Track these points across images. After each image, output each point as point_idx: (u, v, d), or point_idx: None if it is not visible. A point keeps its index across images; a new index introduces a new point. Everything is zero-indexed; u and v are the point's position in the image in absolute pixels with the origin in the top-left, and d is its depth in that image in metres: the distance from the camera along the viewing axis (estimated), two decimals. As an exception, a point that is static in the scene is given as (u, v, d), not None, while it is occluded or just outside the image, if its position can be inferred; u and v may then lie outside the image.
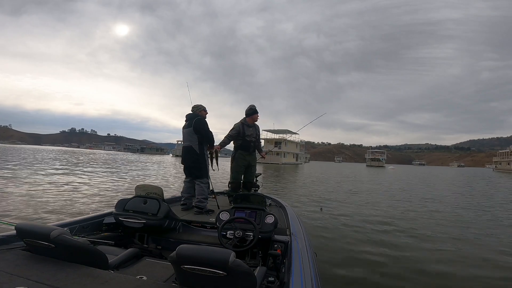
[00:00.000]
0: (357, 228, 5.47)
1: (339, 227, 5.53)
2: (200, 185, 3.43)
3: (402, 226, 5.78)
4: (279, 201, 3.73)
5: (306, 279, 1.50)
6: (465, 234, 5.35)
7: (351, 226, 5.61)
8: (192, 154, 3.48)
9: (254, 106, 4.15)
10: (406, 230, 5.43)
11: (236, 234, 2.13)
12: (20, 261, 1.39)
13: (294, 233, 2.31)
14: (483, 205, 9.26)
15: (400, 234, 5.19)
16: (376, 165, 74.41)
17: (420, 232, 5.35)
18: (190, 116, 3.57)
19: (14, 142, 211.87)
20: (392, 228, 5.56)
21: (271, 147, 39.42)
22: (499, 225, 6.26)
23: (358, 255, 3.95)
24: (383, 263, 3.70)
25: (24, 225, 1.49)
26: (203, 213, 3.25)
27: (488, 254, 4.19)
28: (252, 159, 4.16)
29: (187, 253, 1.18)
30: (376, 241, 4.66)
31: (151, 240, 2.46)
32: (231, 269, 1.14)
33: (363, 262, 3.71)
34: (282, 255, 2.00)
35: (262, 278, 1.71)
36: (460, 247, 4.46)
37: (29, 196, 6.72)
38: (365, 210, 7.50)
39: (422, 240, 4.85)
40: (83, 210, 5.72)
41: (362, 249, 4.21)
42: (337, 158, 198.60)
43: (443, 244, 4.62)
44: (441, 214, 7.45)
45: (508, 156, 57.14)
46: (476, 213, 7.71)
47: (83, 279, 1.26)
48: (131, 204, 2.42)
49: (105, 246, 1.99)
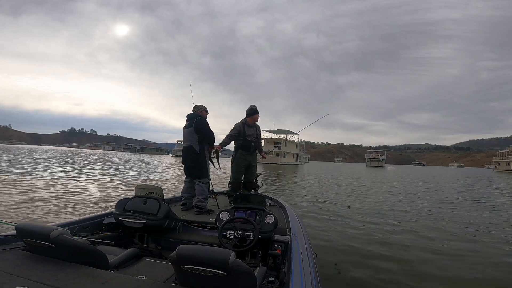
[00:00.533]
0: (358, 228, 5.46)
1: (339, 227, 5.52)
2: (200, 185, 3.43)
3: (404, 227, 5.75)
4: (279, 201, 3.73)
5: (306, 279, 1.50)
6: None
7: (352, 226, 5.61)
8: (192, 154, 3.48)
9: (254, 106, 4.16)
10: (407, 231, 5.41)
11: (236, 234, 2.13)
12: (20, 261, 1.39)
13: (294, 233, 2.31)
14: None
15: (402, 234, 5.18)
16: (376, 165, 74.47)
17: (423, 233, 5.29)
18: (191, 116, 3.58)
19: (13, 142, 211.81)
20: (394, 229, 5.55)
21: (271, 147, 39.38)
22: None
23: (359, 255, 3.94)
24: (384, 263, 3.69)
25: (24, 225, 1.49)
26: (203, 213, 3.25)
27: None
28: (252, 159, 4.17)
29: (187, 253, 1.18)
30: (377, 241, 4.65)
31: (151, 240, 2.46)
32: (231, 269, 1.14)
33: (363, 262, 3.70)
34: (282, 255, 2.00)
35: (262, 278, 1.71)
36: (469, 252, 4.24)
37: (29, 196, 6.71)
38: (366, 210, 7.49)
39: (424, 240, 4.82)
40: (83, 210, 5.72)
41: (363, 249, 4.20)
42: (337, 158, 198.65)
43: (446, 247, 4.51)
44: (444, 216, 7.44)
45: (508, 156, 57.11)
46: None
47: (83, 279, 1.26)
48: (131, 204, 2.42)
49: (105, 246, 1.99)
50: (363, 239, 4.78)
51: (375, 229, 5.42)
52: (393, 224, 5.90)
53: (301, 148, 66.51)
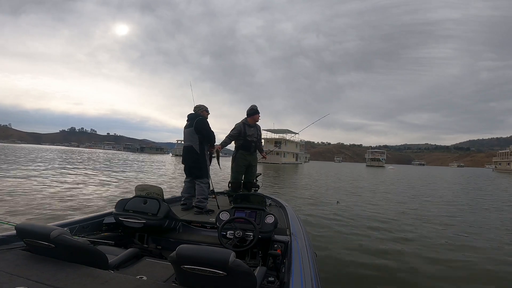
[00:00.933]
0: (358, 228, 5.46)
1: (339, 227, 5.52)
2: (200, 185, 3.43)
3: (405, 228, 5.71)
4: (279, 201, 3.73)
5: (306, 279, 1.50)
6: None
7: (352, 226, 5.60)
8: (192, 154, 3.48)
9: (255, 106, 4.16)
10: (409, 231, 5.39)
11: (236, 234, 2.13)
12: (20, 261, 1.39)
13: (294, 233, 2.31)
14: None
15: (402, 235, 5.16)
16: (376, 165, 74.57)
17: (425, 234, 5.24)
18: (191, 116, 3.58)
19: (14, 141, 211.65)
20: (395, 230, 5.52)
21: (271, 146, 39.37)
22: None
23: (359, 255, 3.94)
24: (384, 263, 3.69)
25: (24, 225, 1.49)
26: (203, 213, 3.25)
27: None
28: (253, 159, 4.17)
29: (187, 253, 1.18)
30: (377, 242, 4.65)
31: (151, 240, 2.46)
32: (231, 269, 1.14)
33: (363, 262, 3.70)
34: (282, 255, 2.00)
35: (262, 278, 1.71)
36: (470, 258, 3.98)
37: (29, 196, 6.71)
38: (367, 210, 7.49)
39: (426, 240, 4.81)
40: (83, 210, 5.71)
41: (363, 250, 4.20)
42: (336, 158, 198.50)
43: (448, 249, 4.45)
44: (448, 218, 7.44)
45: (508, 156, 57.03)
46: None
47: (83, 279, 1.26)
48: (131, 204, 2.42)
49: (105, 246, 1.99)
50: (363, 239, 4.78)
51: (376, 229, 5.42)
52: (394, 225, 5.89)
53: (301, 148, 66.52)
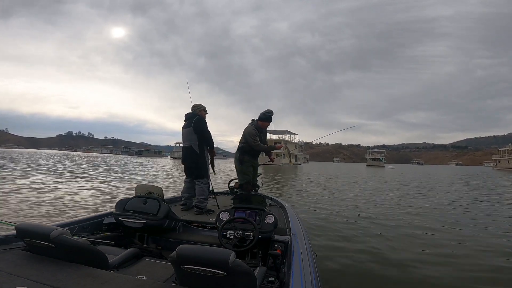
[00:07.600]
0: (358, 228, 5.45)
1: (340, 227, 5.51)
2: (200, 185, 3.43)
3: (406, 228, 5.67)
4: (279, 201, 3.73)
5: (306, 279, 1.51)
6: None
7: (352, 226, 5.59)
8: (192, 154, 3.48)
9: (272, 113, 4.00)
10: (409, 232, 5.35)
11: (236, 234, 2.13)
12: (20, 261, 1.39)
13: (294, 233, 2.31)
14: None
15: (403, 234, 5.15)
16: (376, 165, 74.94)
17: (427, 235, 5.17)
18: (189, 115, 3.57)
19: (11, 146, 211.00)
20: (395, 229, 5.50)
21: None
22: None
23: (359, 256, 3.93)
24: (384, 263, 3.68)
25: (24, 225, 1.49)
26: (203, 213, 3.25)
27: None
28: (256, 162, 4.23)
29: (187, 253, 1.18)
30: (378, 242, 4.63)
31: (151, 240, 2.46)
32: (231, 269, 1.14)
33: (364, 262, 3.70)
34: (282, 255, 2.00)
35: (262, 278, 1.71)
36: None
37: (29, 196, 6.69)
38: (368, 210, 7.47)
39: (424, 241, 4.79)
40: (83, 210, 5.70)
41: (363, 250, 4.19)
42: (335, 159, 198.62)
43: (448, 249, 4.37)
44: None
45: (508, 154, 56.96)
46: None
47: (83, 279, 1.25)
48: (131, 204, 2.42)
49: (105, 246, 1.99)
50: (363, 239, 4.77)
51: (377, 230, 5.39)
52: (396, 225, 5.84)
53: (300, 149, 66.54)
